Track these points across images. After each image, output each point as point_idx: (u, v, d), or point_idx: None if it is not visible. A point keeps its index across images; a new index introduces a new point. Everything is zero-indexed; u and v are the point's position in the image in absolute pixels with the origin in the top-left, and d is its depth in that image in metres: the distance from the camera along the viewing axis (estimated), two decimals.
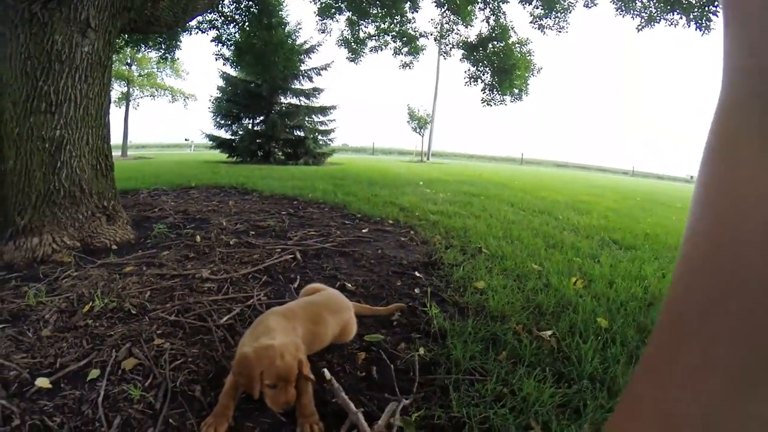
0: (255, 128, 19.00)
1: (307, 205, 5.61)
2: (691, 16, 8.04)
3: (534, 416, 1.53)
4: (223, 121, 19.13)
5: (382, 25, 13.06)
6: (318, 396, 1.59)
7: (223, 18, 11.16)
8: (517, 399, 1.61)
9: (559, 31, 11.09)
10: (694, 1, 7.95)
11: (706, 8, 7.82)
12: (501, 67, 11.94)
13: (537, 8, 10.87)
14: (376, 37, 13.44)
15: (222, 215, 4.68)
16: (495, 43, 11.97)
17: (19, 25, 3.15)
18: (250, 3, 10.99)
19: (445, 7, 12.05)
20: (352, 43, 13.38)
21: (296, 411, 1.51)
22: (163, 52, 11.64)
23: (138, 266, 2.96)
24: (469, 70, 12.64)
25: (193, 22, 10.80)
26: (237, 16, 11.23)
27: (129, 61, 29.13)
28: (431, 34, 13.15)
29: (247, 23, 11.44)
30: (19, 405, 1.50)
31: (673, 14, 8.41)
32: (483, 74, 12.50)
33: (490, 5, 11.57)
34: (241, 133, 19.00)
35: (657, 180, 40.63)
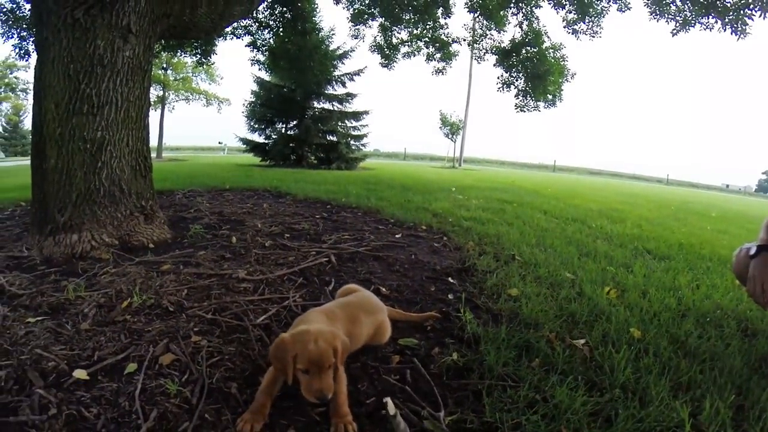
0: (288, 132, 19.24)
1: (341, 209, 5.69)
2: (727, 20, 7.81)
3: (566, 423, 1.55)
4: (256, 125, 19.39)
5: (415, 31, 13.09)
6: (353, 396, 1.64)
7: (257, 24, 11.32)
8: (549, 406, 1.64)
9: (593, 36, 10.93)
10: (729, 5, 7.75)
11: (742, 11, 7.61)
12: (534, 73, 11.82)
13: (570, 13, 10.74)
14: (409, 43, 13.47)
15: (257, 217, 4.78)
16: (528, 48, 11.87)
17: (62, 29, 3.28)
18: (284, 9, 11.12)
19: (478, 12, 12.02)
20: (385, 49, 13.44)
21: (330, 410, 1.55)
22: (199, 57, 11.87)
23: (175, 265, 3.04)
24: (502, 75, 12.56)
25: (228, 28, 11.01)
26: (271, 22, 11.38)
27: (165, 65, 29.80)
28: (464, 40, 13.13)
29: (281, 29, 11.57)
30: (57, 395, 1.55)
31: (708, 18, 8.18)
32: (516, 80, 12.39)
33: (523, 10, 11.49)
34: (274, 137, 19.25)
35: (691, 188, 39.57)
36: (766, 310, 2.66)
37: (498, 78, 12.54)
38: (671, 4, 8.60)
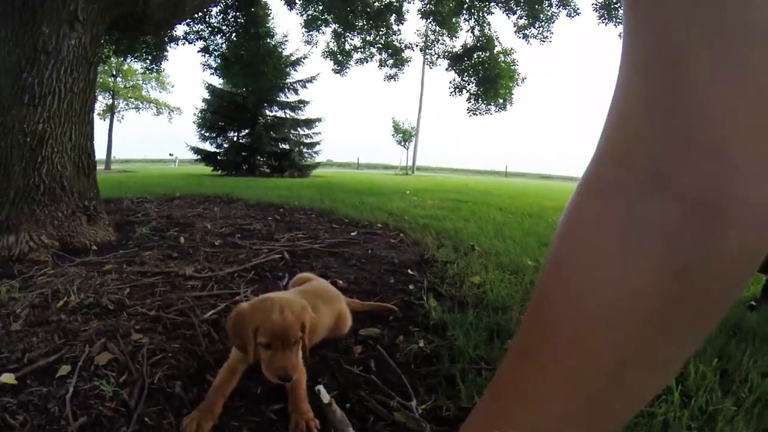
0: (240, 141, 18.89)
1: (294, 212, 5.52)
2: None
3: None
4: (208, 134, 18.97)
5: (368, 37, 13.09)
6: (312, 392, 1.46)
7: (210, 28, 11.08)
8: None
9: (543, 41, 11.19)
10: None
11: None
12: (486, 77, 12.01)
13: (521, 18, 10.96)
14: (362, 49, 13.49)
15: (207, 220, 4.58)
16: (480, 53, 12.06)
17: (6, 13, 3.08)
18: (238, 14, 10.95)
19: (431, 18, 12.13)
20: (338, 55, 13.40)
21: (288, 406, 1.38)
22: (149, 63, 11.50)
23: (118, 264, 2.84)
24: (454, 80, 12.71)
25: (180, 33, 10.73)
26: (224, 27, 11.17)
27: (114, 72, 28.87)
28: (417, 45, 13.22)
29: (234, 34, 11.36)
30: None
31: None
32: (468, 84, 12.56)
33: (475, 16, 11.66)
34: (226, 146, 18.87)
35: None
36: None
37: (450, 83, 12.68)
38: (619, 9, 8.87)
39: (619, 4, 8.86)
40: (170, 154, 48.43)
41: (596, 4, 9.17)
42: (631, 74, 0.35)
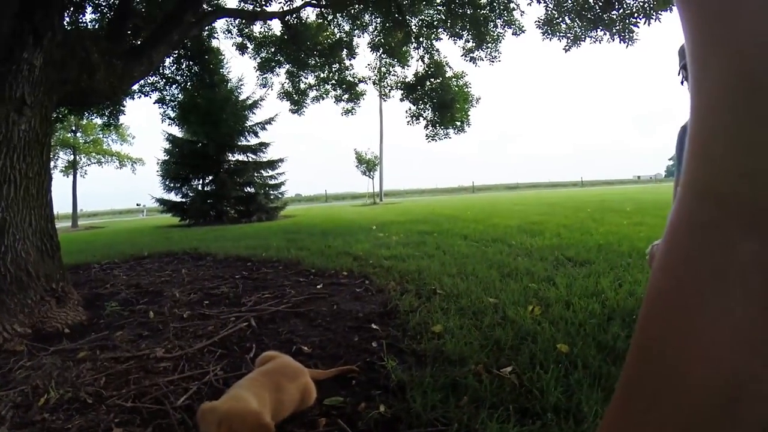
0: (205, 188, 18.77)
1: (261, 265, 5.54)
2: (614, 31, 8.45)
3: None
4: (172, 184, 18.77)
5: (322, 74, 13.27)
6: None
7: (164, 80, 11.08)
8: None
9: (492, 61, 11.45)
10: (615, 17, 8.38)
11: (627, 21, 8.25)
12: (441, 102, 12.22)
13: (468, 42, 11.22)
14: (317, 87, 13.64)
15: (175, 286, 4.58)
16: (432, 79, 12.30)
17: None
18: (191, 63, 10.99)
19: (381, 51, 12.38)
20: (294, 95, 13.53)
21: None
22: (107, 118, 11.43)
23: (92, 350, 2.87)
24: (410, 109, 12.90)
25: (135, 86, 10.72)
26: (179, 77, 11.17)
27: (74, 128, 28.46)
28: (369, 79, 13.43)
29: (189, 83, 11.39)
30: None
31: (597, 31, 8.82)
32: (424, 111, 12.77)
33: (424, 44, 11.93)
34: (191, 194, 18.71)
35: (606, 186, 41.94)
36: None
37: (406, 112, 12.87)
38: (561, 23, 9.18)
39: (560, 19, 9.15)
40: (137, 204, 47.75)
41: (539, 21, 9.43)
42: (713, 101, 0.34)
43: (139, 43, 6.73)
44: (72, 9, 7.86)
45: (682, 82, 2.30)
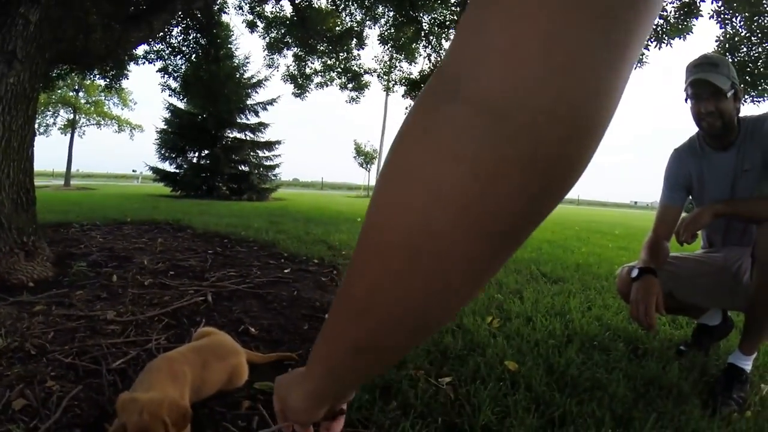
0: (200, 162, 18.72)
1: (237, 243, 5.49)
2: None
3: None
4: (168, 154, 18.71)
5: (329, 61, 13.21)
6: None
7: (170, 49, 10.97)
8: None
9: None
10: None
11: None
12: None
13: None
14: (322, 73, 13.58)
15: (147, 254, 4.53)
16: None
17: None
18: (198, 35, 10.87)
19: (389, 44, 12.32)
20: (298, 79, 13.46)
21: None
22: (109, 80, 11.32)
23: (48, 306, 2.86)
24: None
25: (140, 52, 10.62)
26: (185, 48, 11.06)
27: (77, 87, 28.32)
28: (374, 71, 13.37)
29: (194, 55, 11.30)
30: None
31: None
32: None
33: (433, 43, 11.88)
34: (185, 166, 18.65)
35: (601, 207, 42.01)
36: (650, 333, 2.72)
37: (406, 109, 12.81)
38: None
39: None
40: (133, 171, 47.77)
41: None
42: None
43: (143, 8, 6.65)
44: None
45: (686, 99, 2.27)
